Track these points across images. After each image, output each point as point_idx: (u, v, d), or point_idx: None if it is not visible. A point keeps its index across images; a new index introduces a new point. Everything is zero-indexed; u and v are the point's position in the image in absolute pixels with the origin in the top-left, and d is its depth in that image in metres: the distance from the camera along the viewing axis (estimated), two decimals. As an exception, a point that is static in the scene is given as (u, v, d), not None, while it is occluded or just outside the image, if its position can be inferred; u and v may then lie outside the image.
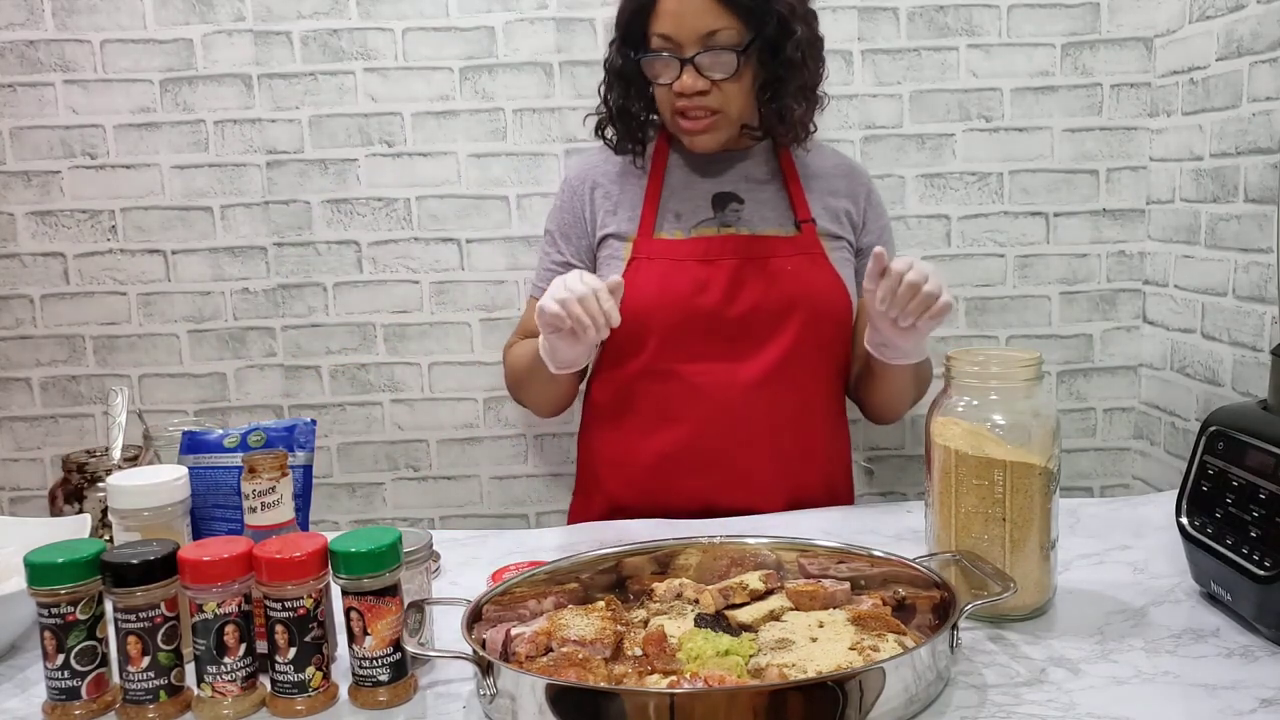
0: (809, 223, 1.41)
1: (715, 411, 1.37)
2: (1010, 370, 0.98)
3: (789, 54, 1.33)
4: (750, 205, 1.42)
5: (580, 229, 1.46)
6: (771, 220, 1.41)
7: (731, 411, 1.37)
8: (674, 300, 1.35)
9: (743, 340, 1.37)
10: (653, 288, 1.35)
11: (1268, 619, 0.90)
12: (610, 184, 1.45)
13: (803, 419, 1.40)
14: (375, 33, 1.80)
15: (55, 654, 0.83)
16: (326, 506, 1.92)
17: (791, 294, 1.37)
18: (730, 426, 1.37)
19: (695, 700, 0.75)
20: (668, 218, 1.41)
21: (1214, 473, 1.00)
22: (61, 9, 1.78)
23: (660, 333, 1.36)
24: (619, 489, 1.43)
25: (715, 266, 1.37)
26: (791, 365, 1.37)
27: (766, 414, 1.37)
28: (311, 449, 1.03)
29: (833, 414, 1.47)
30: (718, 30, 1.29)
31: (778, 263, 1.38)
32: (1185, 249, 1.74)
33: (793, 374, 1.38)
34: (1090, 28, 1.82)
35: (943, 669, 0.84)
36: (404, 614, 0.86)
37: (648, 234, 1.40)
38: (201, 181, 1.83)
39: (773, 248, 1.39)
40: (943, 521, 0.99)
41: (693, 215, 1.41)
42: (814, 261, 1.40)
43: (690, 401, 1.37)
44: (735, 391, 1.36)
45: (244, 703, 0.85)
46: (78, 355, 1.87)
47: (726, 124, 1.37)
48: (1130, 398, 1.92)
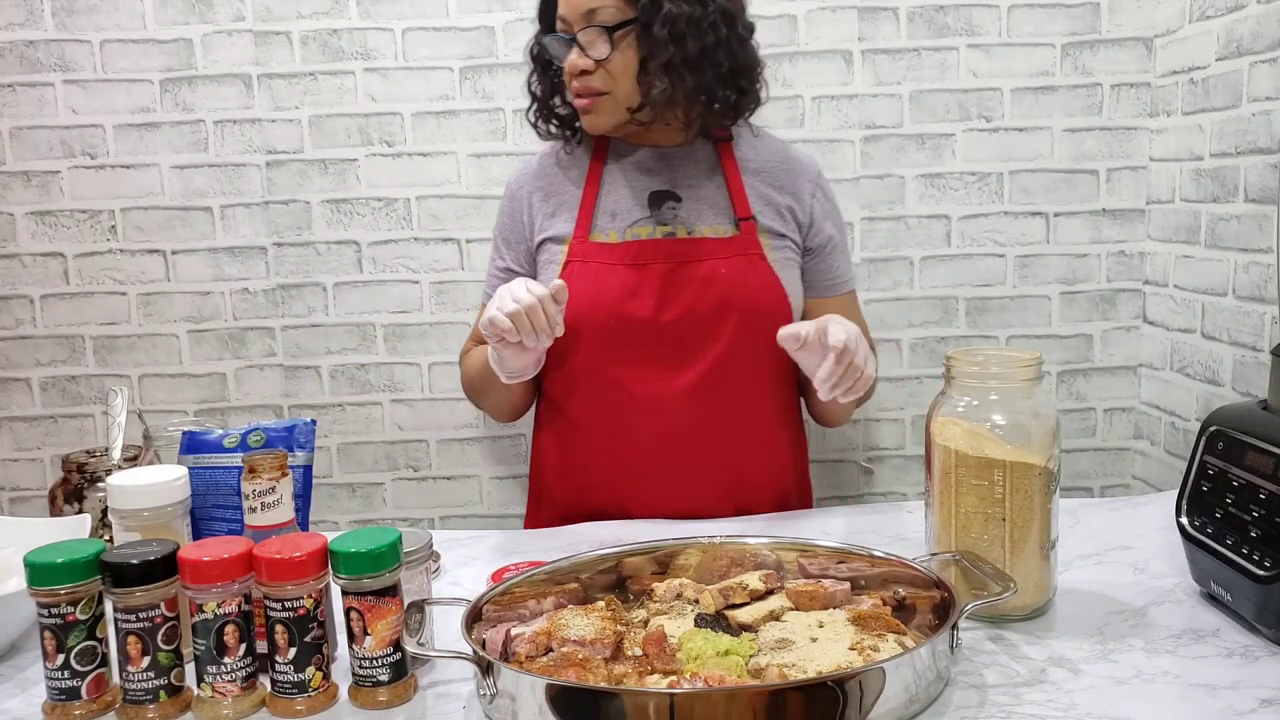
0: (748, 220, 1.37)
1: (653, 420, 1.35)
2: (1010, 370, 0.98)
3: (656, 32, 1.27)
4: (688, 203, 1.38)
5: (520, 234, 1.44)
6: (710, 218, 1.38)
7: (669, 419, 1.34)
8: (605, 305, 1.32)
9: (677, 347, 1.34)
10: (585, 293, 1.32)
11: (1268, 619, 0.90)
12: (550, 187, 1.43)
13: (744, 425, 1.37)
14: (375, 33, 1.80)
15: (55, 654, 0.83)
16: (326, 506, 1.92)
17: (726, 297, 1.33)
18: (668, 435, 1.35)
19: (695, 700, 0.75)
20: (603, 218, 1.38)
21: (1214, 473, 1.00)
22: (61, 9, 1.78)
23: (593, 338, 1.33)
24: (567, 498, 1.42)
25: (647, 271, 1.34)
26: (728, 371, 1.35)
27: (704, 421, 1.35)
28: (311, 449, 1.03)
29: (780, 418, 1.43)
30: (596, 9, 1.28)
31: (713, 265, 1.34)
32: (1185, 249, 1.74)
33: (730, 379, 1.35)
34: (1090, 28, 1.82)
35: (943, 669, 0.84)
36: (404, 614, 0.86)
37: (583, 236, 1.37)
38: (201, 181, 1.83)
39: (708, 249, 1.35)
40: (943, 521, 0.99)
41: (628, 215, 1.38)
42: (751, 263, 1.36)
43: (628, 410, 1.35)
44: (671, 399, 1.34)
45: (244, 703, 0.85)
46: (78, 355, 1.87)
47: (612, 104, 1.33)
48: (1130, 398, 1.93)
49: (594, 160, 1.42)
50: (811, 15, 1.81)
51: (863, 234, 1.86)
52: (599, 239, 1.37)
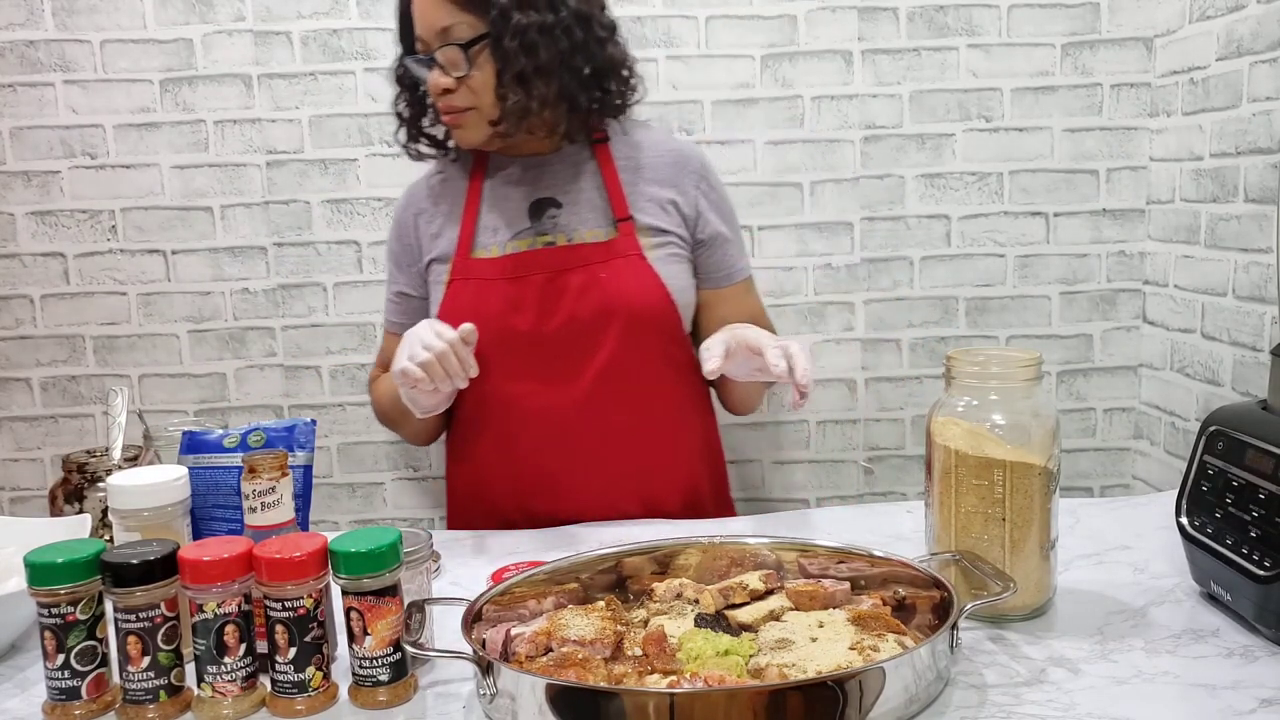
0: (626, 221, 1.36)
1: (548, 433, 1.35)
2: (1010, 370, 0.98)
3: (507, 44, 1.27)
4: (568, 208, 1.37)
5: (410, 256, 1.45)
6: (590, 222, 1.37)
7: (563, 430, 1.35)
8: (487, 320, 1.29)
9: (563, 358, 1.34)
10: (466, 311, 1.31)
11: (1268, 619, 0.90)
12: (433, 207, 1.43)
13: (643, 427, 1.37)
14: (375, 33, 1.80)
15: (55, 654, 0.83)
16: (326, 506, 1.92)
17: (606, 303, 1.33)
18: (565, 445, 1.35)
19: (695, 700, 0.75)
20: (485, 234, 1.38)
21: (1214, 473, 1.00)
22: (61, 9, 1.78)
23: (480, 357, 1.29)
24: (478, 519, 1.40)
25: (526, 283, 1.34)
26: (618, 375, 1.34)
27: (600, 428, 1.34)
28: (311, 449, 1.03)
29: (681, 416, 1.42)
30: (449, 26, 1.28)
31: (591, 271, 1.34)
32: (1185, 249, 1.74)
33: (621, 383, 1.34)
34: (1090, 28, 1.82)
35: (943, 669, 0.84)
36: (404, 614, 0.86)
37: (465, 254, 1.37)
38: (201, 181, 1.83)
39: (586, 255, 1.34)
40: (943, 521, 0.99)
41: (509, 227, 1.38)
42: (631, 264, 1.35)
43: (521, 424, 1.35)
44: (564, 410, 1.34)
45: (244, 703, 0.85)
46: (78, 355, 1.87)
47: (479, 119, 1.33)
48: (1130, 398, 1.93)
49: (473, 176, 1.42)
50: (811, 15, 1.81)
51: (863, 234, 1.86)
52: (480, 255, 1.37)
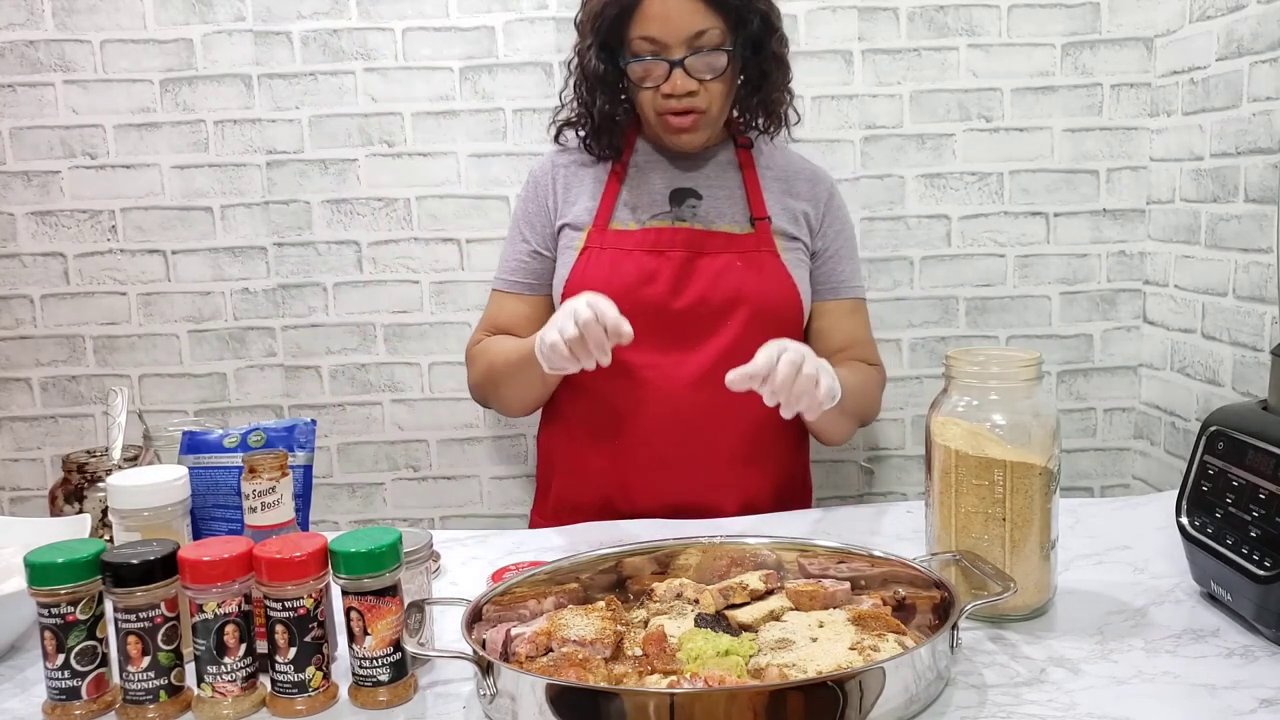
0: (764, 220, 1.42)
1: (660, 407, 1.37)
2: (1010, 370, 0.98)
3: (775, 49, 1.35)
4: (708, 201, 1.42)
5: (545, 218, 1.45)
6: (727, 216, 1.42)
7: (676, 407, 1.37)
8: (620, 290, 1.31)
9: (688, 334, 1.37)
10: (601, 277, 1.35)
11: (1268, 619, 0.90)
12: (572, 176, 1.45)
13: (749, 417, 1.37)
14: (375, 33, 1.80)
15: (55, 654, 0.83)
16: (326, 506, 1.92)
17: (738, 289, 1.37)
18: (675, 422, 1.37)
19: (695, 700, 0.75)
20: (623, 209, 1.42)
21: (1214, 473, 1.00)
22: (61, 9, 1.78)
23: None
24: (573, 488, 1.44)
25: (663, 258, 1.37)
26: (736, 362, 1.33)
27: (711, 410, 1.36)
28: (311, 449, 1.03)
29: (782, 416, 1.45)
30: (705, 30, 1.29)
31: (727, 258, 1.38)
32: (1185, 249, 1.74)
33: None
34: (1090, 28, 1.82)
35: (943, 669, 0.84)
36: (404, 614, 0.86)
37: (602, 225, 1.40)
38: (201, 181, 1.83)
39: (724, 243, 1.39)
40: (943, 521, 0.99)
41: (648, 209, 1.42)
42: (765, 259, 1.40)
43: (636, 395, 1.37)
44: (680, 386, 1.36)
45: (244, 703, 0.85)
46: (78, 355, 1.87)
47: (709, 123, 1.37)
48: (1130, 398, 1.92)
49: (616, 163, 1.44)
50: (811, 15, 1.81)
51: (863, 234, 1.86)
52: (617, 228, 1.40)
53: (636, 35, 1.31)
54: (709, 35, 1.29)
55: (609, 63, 1.36)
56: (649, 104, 1.36)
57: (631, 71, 1.34)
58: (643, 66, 1.33)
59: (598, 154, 1.44)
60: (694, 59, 1.30)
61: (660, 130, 1.39)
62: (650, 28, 1.30)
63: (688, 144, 1.39)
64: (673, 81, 1.31)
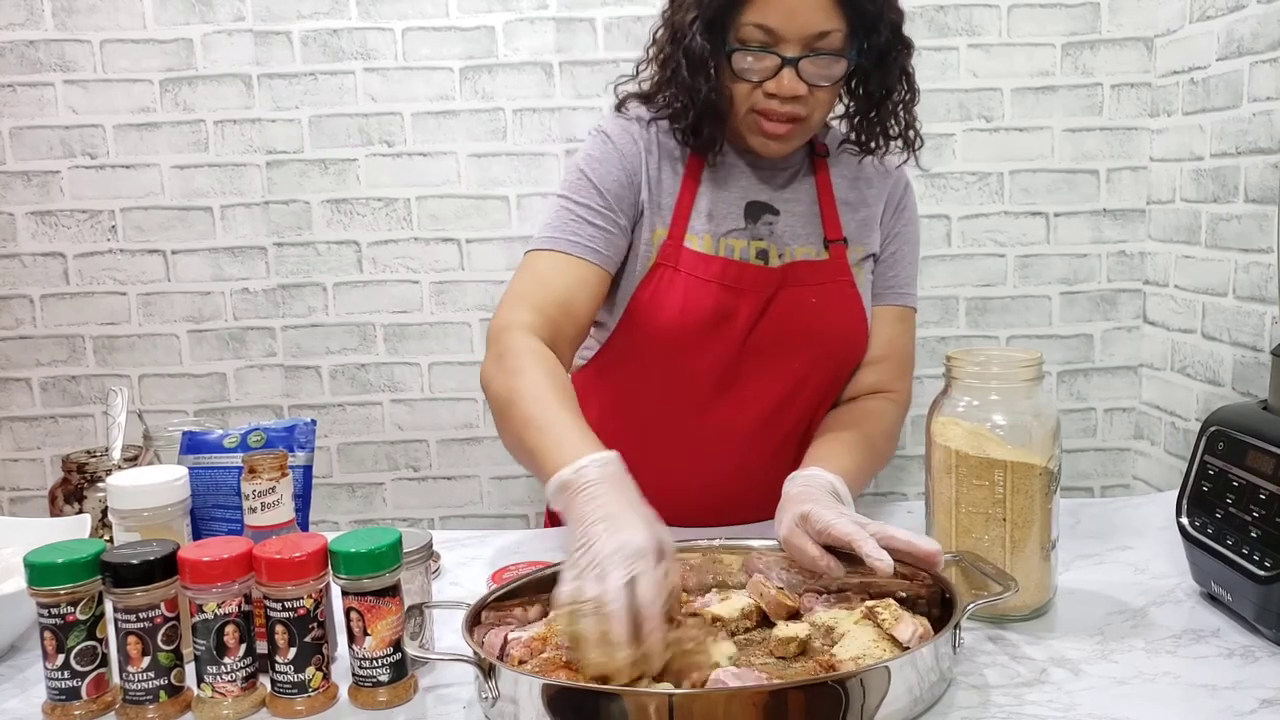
0: (839, 243, 1.28)
1: (712, 449, 1.27)
2: (1011, 370, 0.98)
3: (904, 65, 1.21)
4: (785, 218, 1.27)
5: (633, 193, 1.24)
6: (803, 237, 1.28)
7: (728, 451, 1.27)
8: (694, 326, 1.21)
9: (746, 374, 1.26)
10: (675, 307, 1.21)
11: (1268, 619, 0.90)
12: (663, 158, 1.26)
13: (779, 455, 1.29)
14: (375, 33, 1.80)
15: (55, 654, 0.83)
16: (326, 506, 1.92)
17: (809, 328, 1.25)
18: (726, 465, 1.27)
19: (695, 701, 0.75)
20: (699, 217, 1.26)
21: (1214, 473, 1.00)
22: (61, 9, 1.78)
23: (670, 352, 1.22)
24: None
25: (742, 296, 1.23)
26: (796, 405, 1.27)
27: (762, 454, 1.28)
28: (311, 449, 1.03)
29: None
30: (828, 32, 1.13)
31: (802, 294, 1.25)
32: (1185, 249, 1.74)
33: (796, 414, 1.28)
34: (1090, 28, 1.82)
35: (945, 670, 0.83)
36: (404, 617, 0.86)
37: (678, 238, 1.23)
38: (201, 181, 1.83)
39: (799, 276, 1.25)
40: (943, 522, 0.99)
41: (724, 220, 1.26)
42: (841, 292, 1.27)
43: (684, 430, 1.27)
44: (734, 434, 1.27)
45: (244, 703, 0.84)
46: (78, 355, 1.87)
47: (805, 132, 1.22)
48: (1130, 398, 1.92)
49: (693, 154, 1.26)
50: (812, 15, 1.80)
51: (863, 234, 1.86)
52: (693, 244, 1.24)
53: (751, 20, 1.14)
54: (831, 38, 1.14)
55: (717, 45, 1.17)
56: (743, 98, 1.19)
57: (735, 60, 1.16)
58: (751, 57, 1.16)
59: (695, 147, 1.25)
60: (810, 61, 1.14)
61: (748, 130, 1.22)
62: (769, 16, 1.13)
63: (777, 151, 1.23)
64: (780, 80, 1.15)
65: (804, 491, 1.05)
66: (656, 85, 1.24)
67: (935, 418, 1.00)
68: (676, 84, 1.21)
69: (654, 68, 1.25)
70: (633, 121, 1.27)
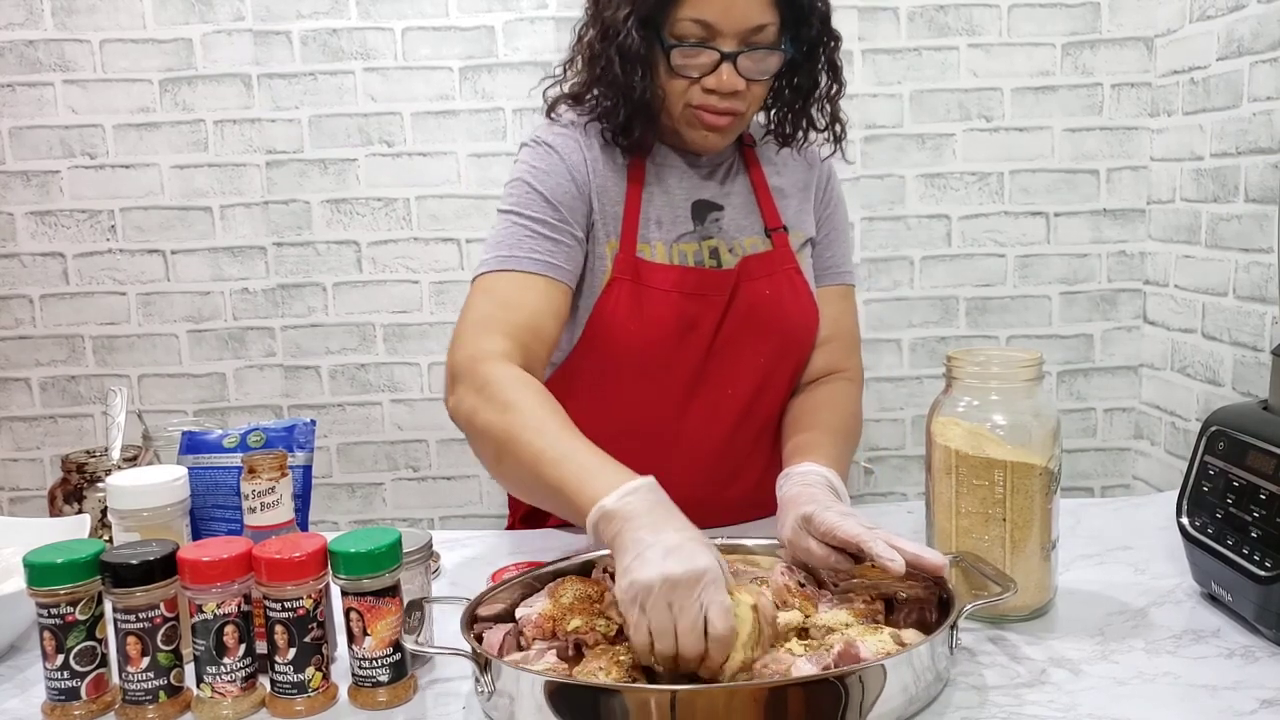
0: (779, 231, 1.29)
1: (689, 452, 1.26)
2: (1011, 370, 0.98)
3: (832, 57, 1.21)
4: (729, 212, 1.27)
5: (584, 205, 1.21)
6: (747, 229, 1.28)
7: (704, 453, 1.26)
8: (657, 340, 1.20)
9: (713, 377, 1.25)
10: (636, 318, 1.19)
11: (1268, 619, 0.90)
12: (604, 166, 1.23)
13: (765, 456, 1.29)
14: (375, 32, 1.80)
15: (55, 654, 0.83)
16: (326, 506, 1.92)
17: (767, 323, 1.24)
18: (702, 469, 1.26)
19: (696, 698, 0.75)
20: (648, 225, 1.24)
21: (1214, 473, 1.00)
22: (61, 9, 1.78)
23: (637, 366, 1.21)
24: None
25: (705, 302, 1.22)
26: (761, 405, 1.28)
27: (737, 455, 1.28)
28: (311, 449, 1.03)
29: None
30: (764, 26, 1.14)
31: (757, 288, 1.24)
32: (1185, 249, 1.74)
33: (763, 412, 1.28)
34: (1090, 27, 1.82)
35: (942, 669, 0.83)
36: (404, 613, 0.86)
37: (630, 248, 1.21)
38: (201, 181, 1.83)
39: (751, 270, 1.25)
40: (943, 522, 0.99)
41: (673, 225, 1.25)
42: (789, 280, 1.27)
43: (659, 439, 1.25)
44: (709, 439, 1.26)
45: (244, 703, 0.84)
46: (77, 355, 1.87)
47: (741, 125, 1.22)
48: (1130, 398, 1.92)
49: (634, 159, 1.24)
50: (812, 15, 1.81)
51: (863, 234, 1.86)
52: (645, 254, 1.22)
53: (687, 16, 1.13)
54: (766, 32, 1.14)
55: (653, 43, 1.16)
56: (678, 95, 1.17)
57: (673, 56, 1.15)
58: (690, 53, 1.14)
59: (626, 147, 1.23)
60: (747, 56, 1.14)
61: (686, 125, 1.20)
62: (706, 10, 1.12)
63: (716, 145, 1.23)
64: (719, 76, 1.14)
65: (803, 492, 1.05)
66: (585, 85, 1.22)
67: (935, 418, 1.00)
68: (607, 82, 1.18)
69: (581, 67, 1.23)
70: (570, 128, 1.25)
